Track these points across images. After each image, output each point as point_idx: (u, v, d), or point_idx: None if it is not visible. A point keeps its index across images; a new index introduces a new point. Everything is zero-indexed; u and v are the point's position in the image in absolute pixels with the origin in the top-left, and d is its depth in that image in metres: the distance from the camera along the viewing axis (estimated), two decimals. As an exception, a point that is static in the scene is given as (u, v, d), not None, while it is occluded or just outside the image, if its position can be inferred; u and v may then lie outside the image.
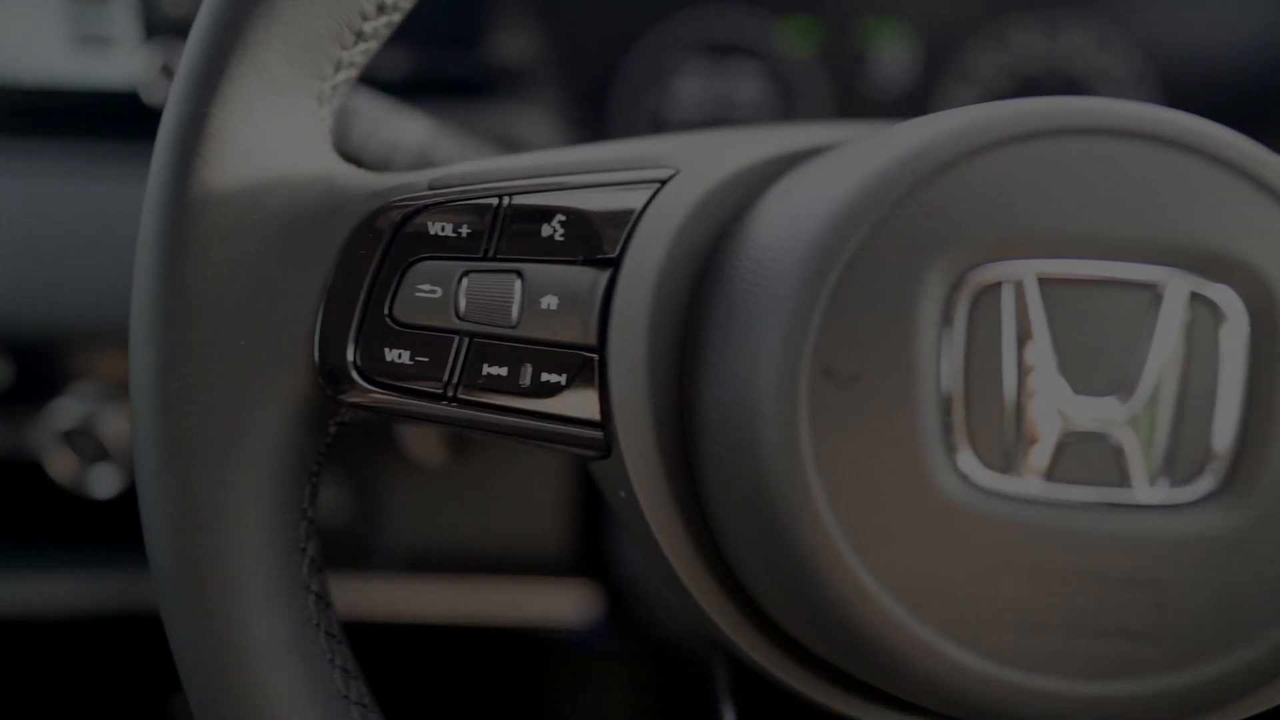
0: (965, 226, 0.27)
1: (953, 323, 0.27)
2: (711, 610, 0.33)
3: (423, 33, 0.68)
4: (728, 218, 0.34)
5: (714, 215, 0.33)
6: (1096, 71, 0.78)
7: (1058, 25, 0.79)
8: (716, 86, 0.81)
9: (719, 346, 0.30)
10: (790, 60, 0.79)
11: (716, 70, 0.81)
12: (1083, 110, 0.28)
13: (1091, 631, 0.26)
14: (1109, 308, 0.27)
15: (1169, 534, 0.26)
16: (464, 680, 0.72)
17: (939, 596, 0.27)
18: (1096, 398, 0.27)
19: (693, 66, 0.81)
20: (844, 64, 0.80)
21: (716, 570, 0.32)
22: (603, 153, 0.34)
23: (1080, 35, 0.78)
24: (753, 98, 0.81)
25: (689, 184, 0.33)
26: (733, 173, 0.34)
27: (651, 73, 0.80)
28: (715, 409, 0.30)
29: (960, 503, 0.27)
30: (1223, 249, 0.27)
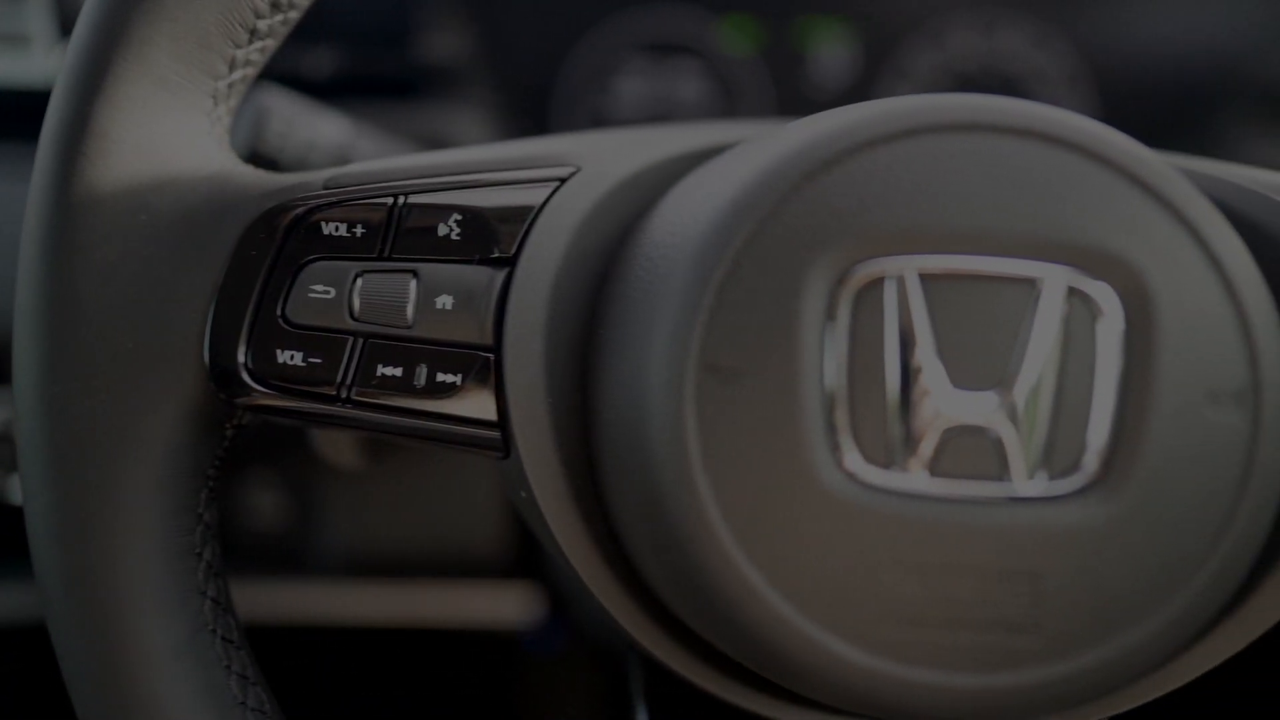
0: (848, 223, 0.27)
1: (836, 319, 0.27)
2: (615, 610, 0.33)
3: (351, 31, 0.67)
4: (631, 216, 0.34)
5: (617, 214, 0.33)
6: (1033, 70, 0.79)
7: (994, 24, 0.79)
8: (657, 86, 0.81)
9: (614, 345, 0.30)
10: (730, 60, 0.80)
11: (657, 70, 0.81)
12: (964, 107, 0.28)
13: (972, 624, 0.27)
14: (989, 303, 0.27)
15: (1046, 526, 0.27)
16: (419, 684, 0.72)
17: (824, 592, 0.27)
18: (977, 392, 0.27)
19: (634, 66, 0.81)
20: (784, 63, 0.80)
21: (620, 570, 0.32)
22: (503, 151, 0.34)
23: (1017, 34, 0.79)
24: (693, 97, 0.81)
25: (590, 182, 0.33)
26: (636, 171, 0.34)
27: (593, 72, 0.80)
28: (610, 408, 0.30)
29: (844, 498, 0.27)
30: (1099, 245, 0.27)
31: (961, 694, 0.27)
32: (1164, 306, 0.27)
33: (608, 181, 0.33)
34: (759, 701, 0.33)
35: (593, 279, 0.32)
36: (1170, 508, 0.27)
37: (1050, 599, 0.27)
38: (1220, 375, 0.27)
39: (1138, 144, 0.28)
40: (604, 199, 0.33)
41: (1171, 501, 0.27)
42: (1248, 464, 0.27)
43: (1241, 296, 0.27)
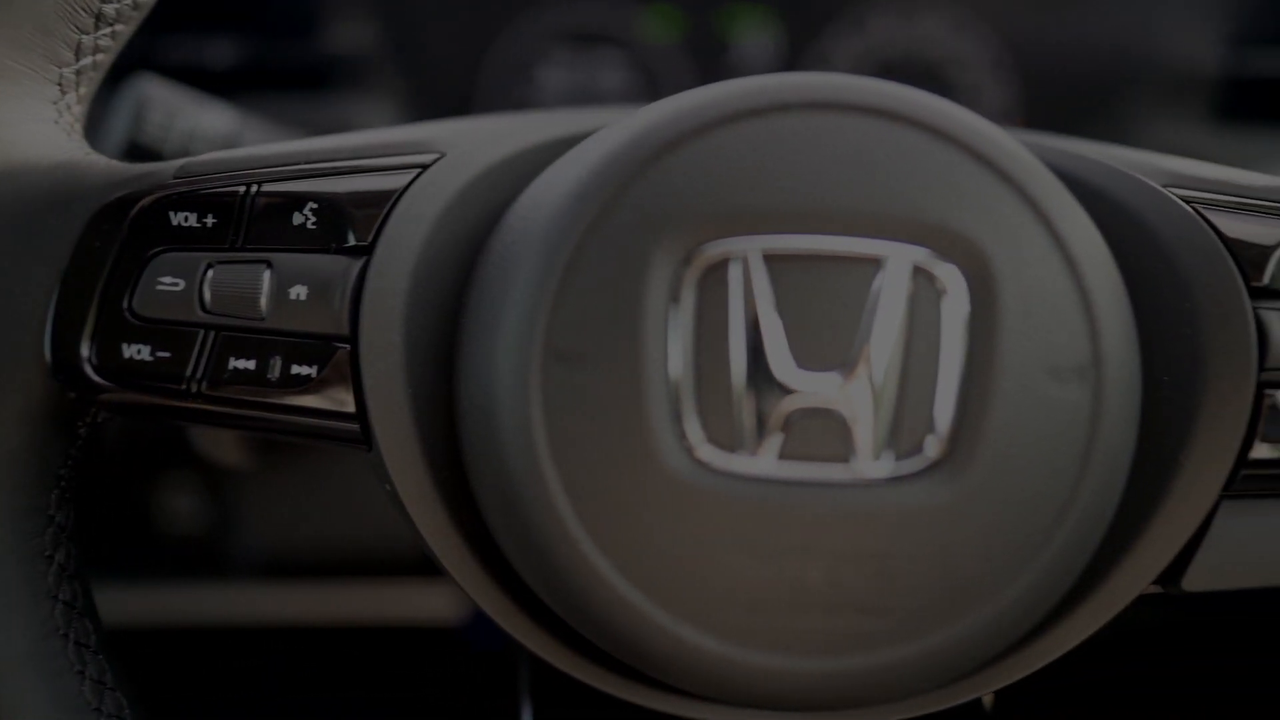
0: (691, 205, 0.27)
1: (681, 301, 0.27)
2: (484, 601, 0.32)
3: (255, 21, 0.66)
4: (498, 204, 0.33)
5: (482, 201, 0.33)
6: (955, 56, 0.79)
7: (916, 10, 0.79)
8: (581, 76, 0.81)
9: (470, 333, 0.30)
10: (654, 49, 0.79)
11: (581, 60, 0.80)
12: (809, 86, 0.28)
13: (821, 607, 0.26)
14: (834, 283, 0.27)
15: (893, 507, 0.26)
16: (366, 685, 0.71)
17: (672, 578, 0.27)
18: (822, 373, 0.27)
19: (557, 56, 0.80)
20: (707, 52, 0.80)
21: (488, 561, 0.32)
22: (365, 139, 0.33)
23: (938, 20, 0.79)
24: (617, 87, 0.81)
25: (453, 169, 0.33)
26: (502, 158, 0.33)
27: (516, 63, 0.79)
28: (466, 397, 0.29)
29: (690, 483, 0.26)
30: (943, 223, 0.27)
31: (812, 678, 0.27)
32: (1007, 284, 0.27)
33: (472, 169, 0.33)
34: (631, 690, 0.32)
35: (457, 268, 0.32)
36: (1016, 485, 0.26)
37: (899, 580, 0.26)
38: (1063, 352, 0.27)
39: (984, 122, 0.28)
40: (468, 186, 0.33)
41: (1017, 479, 0.26)
42: (1091, 440, 0.27)
43: (1084, 273, 0.27)
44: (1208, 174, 0.33)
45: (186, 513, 0.62)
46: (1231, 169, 0.35)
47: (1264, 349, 0.30)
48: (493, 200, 0.33)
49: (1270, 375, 0.30)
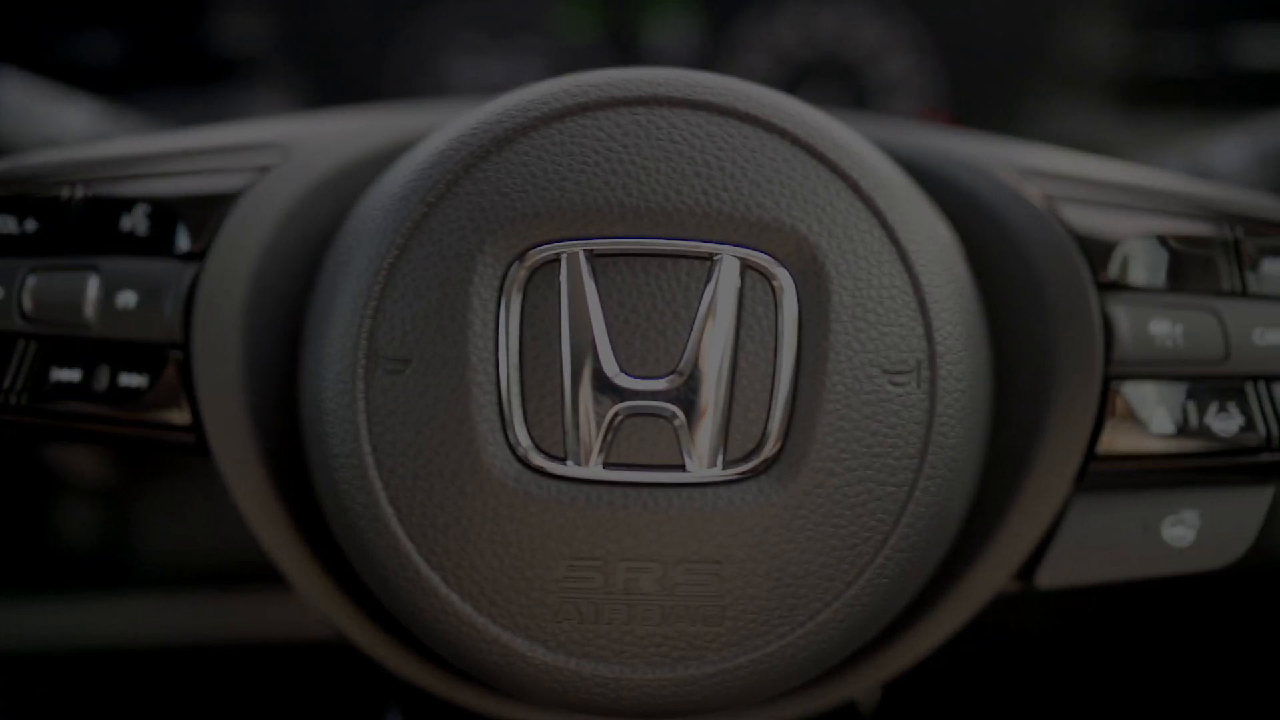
0: (517, 205, 0.26)
1: (508, 303, 0.26)
2: (331, 613, 0.31)
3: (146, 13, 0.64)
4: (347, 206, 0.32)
5: (330, 203, 0.32)
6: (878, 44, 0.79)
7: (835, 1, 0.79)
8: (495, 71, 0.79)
9: (305, 340, 0.29)
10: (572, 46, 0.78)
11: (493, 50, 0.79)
12: (639, 81, 0.27)
13: (654, 615, 0.26)
14: (664, 283, 0.26)
15: (725, 511, 0.26)
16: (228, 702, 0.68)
17: (502, 589, 0.26)
18: (652, 377, 0.26)
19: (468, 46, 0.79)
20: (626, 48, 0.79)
21: (333, 569, 0.31)
22: (203, 138, 0.32)
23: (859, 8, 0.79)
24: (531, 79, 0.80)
25: (298, 171, 0.31)
26: (351, 159, 0.32)
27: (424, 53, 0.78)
28: (302, 403, 0.29)
29: (517, 490, 0.26)
30: (774, 220, 0.26)
31: (646, 686, 0.26)
32: (839, 282, 0.26)
33: (318, 170, 0.32)
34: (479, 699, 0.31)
35: (301, 273, 0.31)
36: (851, 486, 0.26)
37: (733, 585, 0.26)
38: (897, 350, 0.26)
39: (820, 116, 0.28)
40: (313, 188, 0.31)
41: (851, 480, 0.26)
42: (927, 438, 0.26)
43: (918, 270, 0.27)
44: (1063, 166, 0.33)
45: (51, 527, 0.60)
46: (1092, 160, 0.34)
47: (1110, 343, 0.30)
48: (339, 202, 0.32)
49: (1117, 369, 0.30)
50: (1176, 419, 0.30)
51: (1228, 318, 0.30)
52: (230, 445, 0.30)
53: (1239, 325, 0.30)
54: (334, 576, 0.31)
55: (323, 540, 0.30)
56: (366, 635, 0.31)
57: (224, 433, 0.29)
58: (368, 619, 0.31)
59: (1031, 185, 0.32)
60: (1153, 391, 0.30)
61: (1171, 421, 0.30)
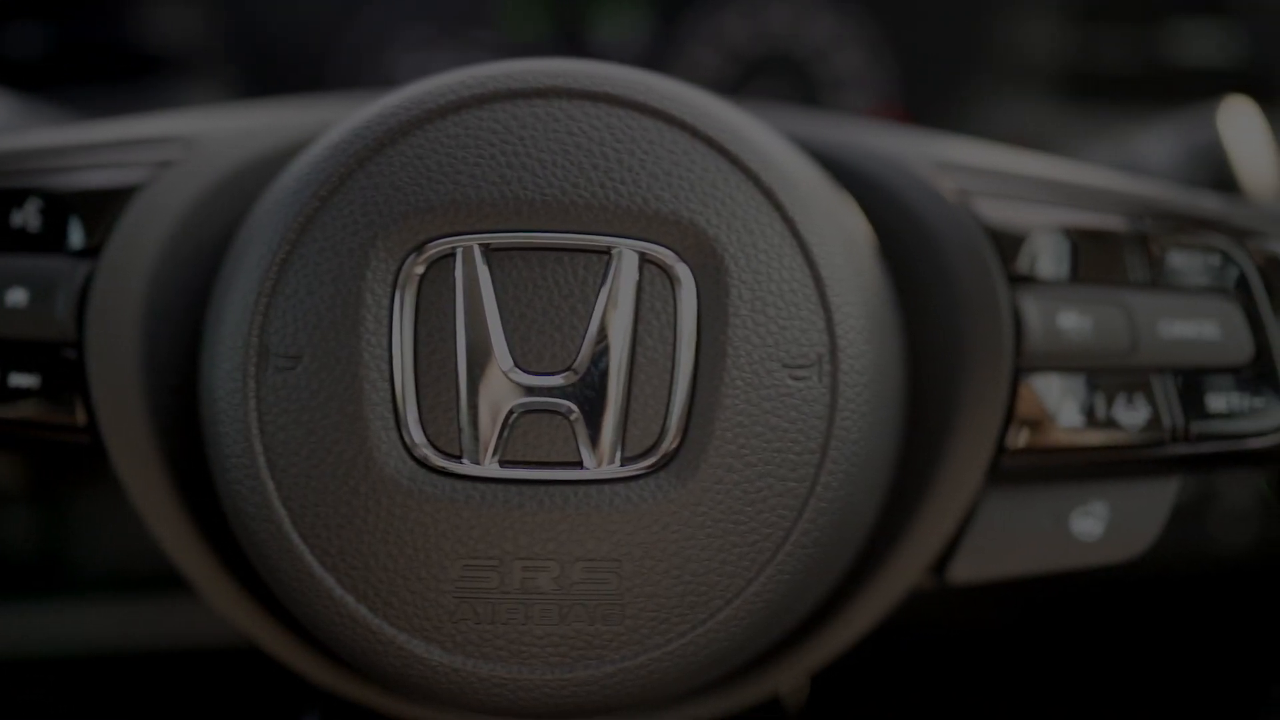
0: (411, 199, 0.26)
1: (403, 299, 0.25)
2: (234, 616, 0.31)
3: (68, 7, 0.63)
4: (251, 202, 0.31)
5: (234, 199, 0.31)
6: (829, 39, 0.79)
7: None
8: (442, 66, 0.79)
9: (204, 338, 0.28)
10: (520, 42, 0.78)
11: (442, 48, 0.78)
12: (535, 72, 0.27)
13: (552, 615, 0.25)
14: (561, 278, 0.26)
15: (623, 508, 0.25)
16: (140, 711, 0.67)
17: (397, 590, 0.25)
18: (549, 373, 0.26)
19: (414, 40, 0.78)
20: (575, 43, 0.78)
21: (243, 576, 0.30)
22: (103, 131, 0.31)
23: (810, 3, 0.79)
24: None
25: (202, 165, 0.31)
26: (264, 153, 0.32)
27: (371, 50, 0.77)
28: (200, 402, 0.28)
29: (411, 489, 0.25)
30: (672, 213, 0.26)
31: (546, 687, 0.26)
32: (738, 276, 0.26)
33: (222, 165, 0.31)
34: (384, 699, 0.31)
35: (203, 271, 0.30)
36: (751, 482, 0.26)
37: (632, 584, 0.25)
38: (797, 344, 0.26)
39: (722, 107, 0.27)
40: (217, 184, 0.31)
41: (751, 475, 0.26)
42: (829, 432, 0.26)
43: (819, 265, 0.26)
44: (980, 160, 0.33)
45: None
46: (1010, 153, 0.34)
47: (1020, 336, 0.30)
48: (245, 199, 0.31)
49: (1026, 362, 0.30)
50: (1085, 412, 0.29)
51: (1135, 310, 0.30)
52: (128, 447, 0.29)
53: (1146, 318, 0.30)
54: (242, 581, 0.30)
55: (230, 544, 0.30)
56: (275, 640, 0.31)
57: (121, 434, 0.29)
58: (277, 623, 0.31)
59: (947, 179, 0.31)
60: (1062, 384, 0.30)
61: (1080, 414, 0.30)
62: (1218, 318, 0.30)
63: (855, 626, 0.31)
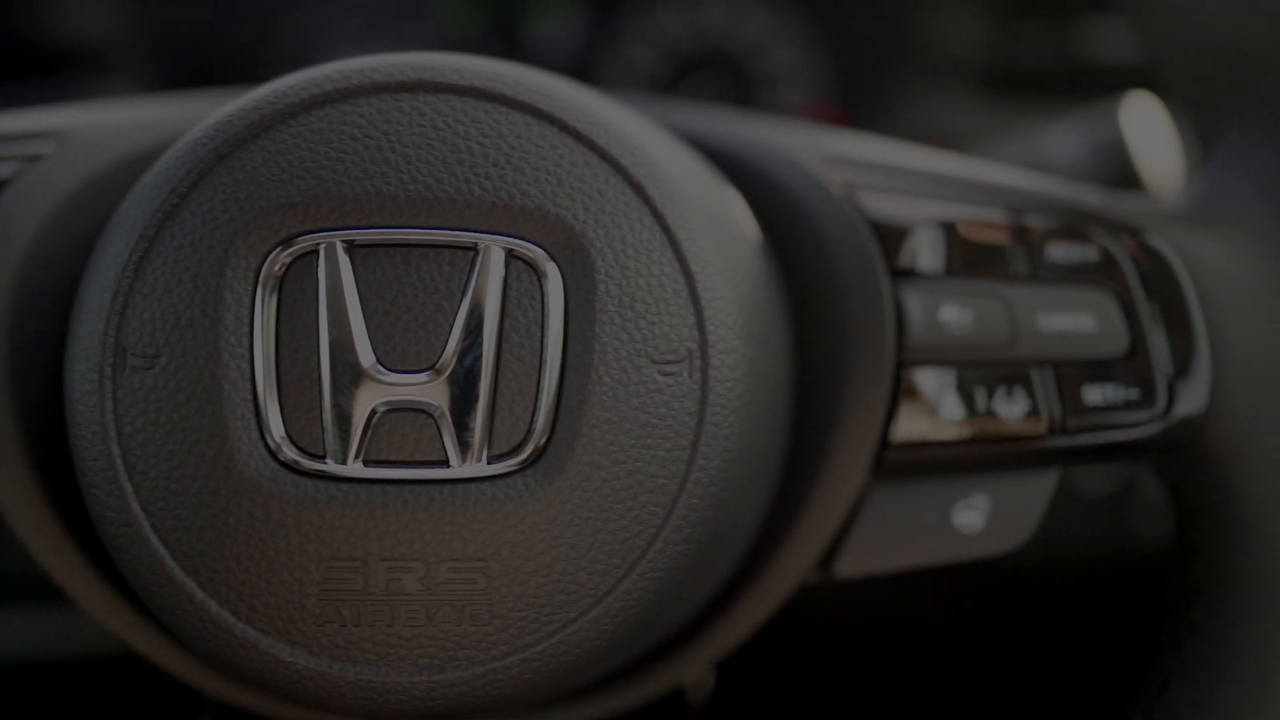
0: (273, 195, 0.25)
1: (264, 298, 0.25)
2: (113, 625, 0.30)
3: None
4: None
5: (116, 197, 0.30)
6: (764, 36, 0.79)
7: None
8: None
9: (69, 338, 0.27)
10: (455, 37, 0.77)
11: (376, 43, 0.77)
12: (397, 66, 0.26)
13: (419, 616, 0.25)
14: (425, 274, 0.25)
15: (490, 507, 0.25)
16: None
17: (261, 593, 0.25)
18: (414, 371, 0.25)
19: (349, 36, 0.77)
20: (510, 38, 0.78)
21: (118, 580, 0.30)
22: None
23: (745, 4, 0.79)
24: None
25: (76, 161, 0.30)
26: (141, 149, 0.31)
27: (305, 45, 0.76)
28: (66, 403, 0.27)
29: (273, 490, 0.25)
30: (538, 207, 0.25)
31: (414, 689, 0.25)
32: (606, 272, 0.26)
33: (99, 161, 0.30)
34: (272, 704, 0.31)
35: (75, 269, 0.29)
36: (620, 479, 0.26)
37: (500, 584, 0.25)
38: (667, 340, 0.26)
39: (590, 99, 0.27)
40: (92, 180, 0.30)
41: (620, 473, 0.25)
42: (699, 428, 0.26)
43: (689, 260, 0.26)
44: (868, 154, 0.33)
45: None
46: (901, 147, 0.35)
47: (902, 330, 0.30)
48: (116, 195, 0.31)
49: (909, 356, 0.30)
50: (966, 405, 0.30)
51: (1015, 303, 0.30)
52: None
53: (1025, 311, 0.30)
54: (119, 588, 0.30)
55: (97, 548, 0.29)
56: (154, 647, 0.30)
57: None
58: (157, 630, 0.30)
59: (834, 172, 0.31)
60: (943, 378, 0.30)
61: (961, 407, 0.30)
62: (1095, 311, 0.30)
63: (745, 623, 0.31)
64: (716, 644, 0.32)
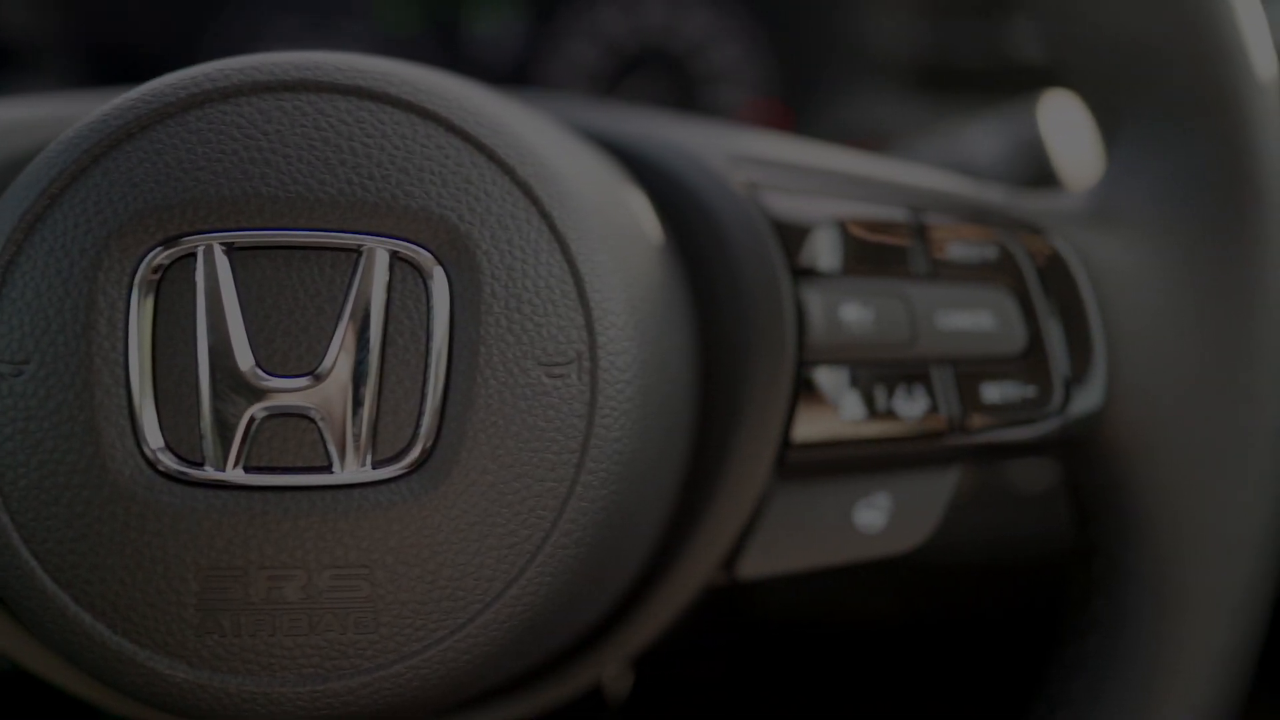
0: (149, 197, 0.25)
1: (139, 302, 0.25)
2: None
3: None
4: None
5: None
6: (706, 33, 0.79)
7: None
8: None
9: None
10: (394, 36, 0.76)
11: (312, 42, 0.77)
12: (280, 65, 0.26)
13: (302, 626, 0.25)
14: (308, 277, 0.25)
15: (374, 514, 0.25)
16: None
17: (138, 605, 0.24)
18: (295, 376, 0.25)
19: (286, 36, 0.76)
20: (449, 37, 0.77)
21: None
22: None
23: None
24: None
25: None
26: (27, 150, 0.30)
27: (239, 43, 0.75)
28: None
29: (149, 499, 0.24)
30: (421, 207, 0.25)
31: (299, 700, 0.25)
32: (492, 273, 0.25)
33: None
34: None
35: None
36: (507, 484, 0.25)
37: (385, 590, 0.25)
38: (555, 342, 0.26)
39: (483, 102, 0.27)
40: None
41: (508, 477, 0.25)
42: (589, 432, 0.26)
43: (578, 261, 0.26)
44: (774, 153, 0.33)
45: None
46: (806, 145, 0.35)
47: (802, 329, 0.30)
48: None
49: (809, 355, 0.30)
50: (866, 404, 0.30)
51: (915, 302, 0.30)
52: None
53: (925, 309, 0.30)
54: None
55: None
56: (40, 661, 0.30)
57: None
58: None
59: (739, 172, 0.31)
60: (843, 377, 0.30)
61: (861, 406, 0.30)
62: (993, 309, 0.30)
63: (652, 624, 0.31)
64: (625, 644, 0.32)
